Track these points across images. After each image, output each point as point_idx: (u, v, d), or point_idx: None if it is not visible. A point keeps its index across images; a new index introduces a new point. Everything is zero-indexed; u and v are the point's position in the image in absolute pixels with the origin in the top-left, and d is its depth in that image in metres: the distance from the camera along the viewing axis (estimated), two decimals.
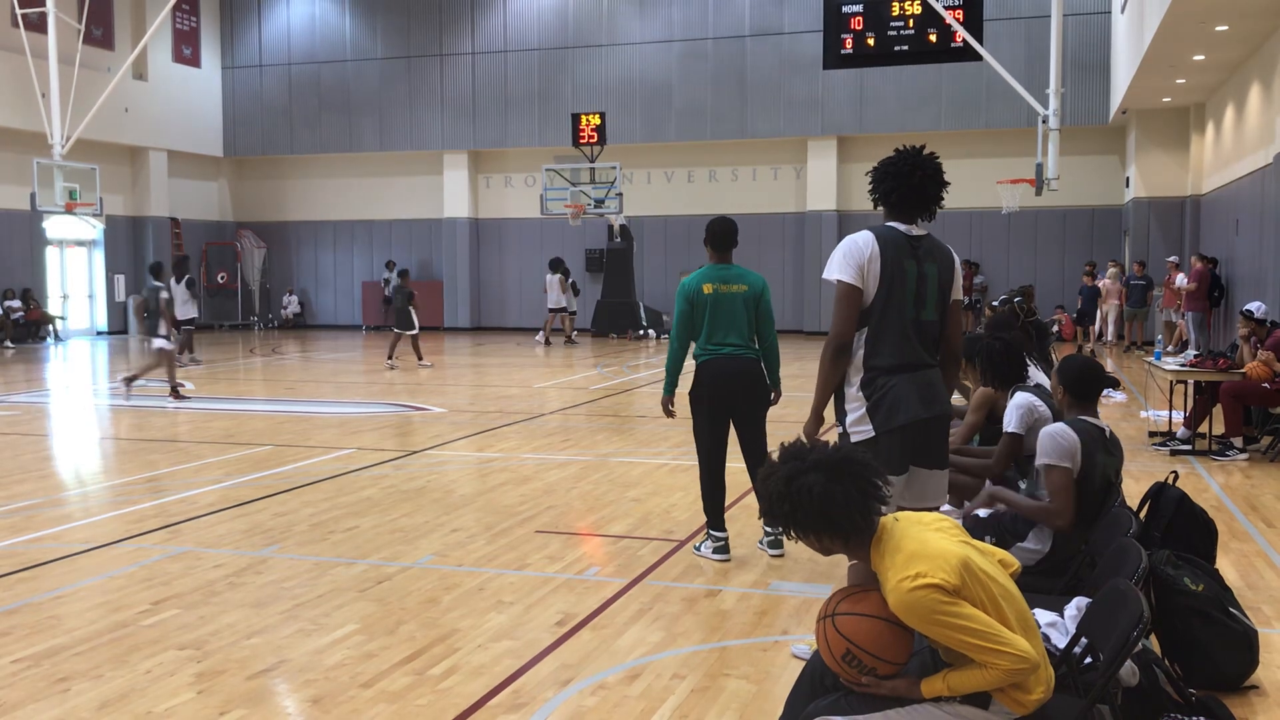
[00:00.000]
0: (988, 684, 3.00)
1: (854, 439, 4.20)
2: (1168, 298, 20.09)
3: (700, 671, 4.69)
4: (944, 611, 2.91)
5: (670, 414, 6.72)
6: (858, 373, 4.22)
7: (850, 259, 4.18)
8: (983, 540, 4.70)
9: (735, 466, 6.70)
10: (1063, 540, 4.66)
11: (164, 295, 14.61)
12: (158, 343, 14.16)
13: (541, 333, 25.22)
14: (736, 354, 6.32)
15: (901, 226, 4.24)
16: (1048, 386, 5.80)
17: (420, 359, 19.44)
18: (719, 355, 6.32)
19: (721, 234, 6.38)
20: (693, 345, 6.52)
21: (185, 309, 18.99)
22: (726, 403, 6.38)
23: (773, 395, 6.53)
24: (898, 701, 3.10)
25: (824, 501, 2.99)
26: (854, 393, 4.22)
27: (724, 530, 6.55)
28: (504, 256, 30.23)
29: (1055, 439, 4.54)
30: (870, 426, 4.16)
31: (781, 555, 6.53)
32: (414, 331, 19.34)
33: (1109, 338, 22.29)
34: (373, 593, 5.83)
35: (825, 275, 4.25)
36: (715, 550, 6.51)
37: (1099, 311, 22.11)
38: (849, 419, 4.24)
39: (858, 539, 3.07)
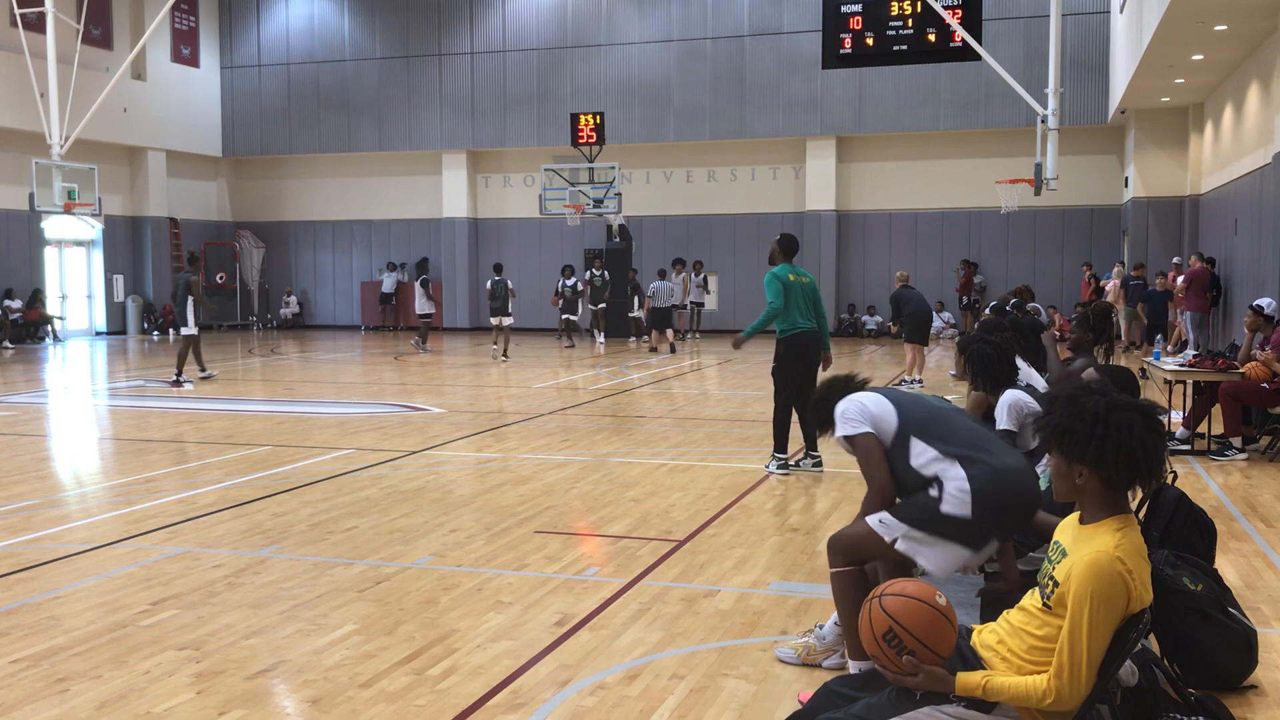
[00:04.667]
0: (1028, 700, 3.00)
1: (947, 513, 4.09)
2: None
3: (699, 671, 4.69)
4: (1102, 601, 2.95)
5: (737, 347, 9.56)
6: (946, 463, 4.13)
7: (864, 415, 4.26)
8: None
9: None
10: None
11: (579, 286, 21.47)
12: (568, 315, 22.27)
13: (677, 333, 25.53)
14: (808, 329, 9.02)
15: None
16: (1039, 385, 5.82)
17: (177, 376, 15.51)
18: (799, 330, 8.99)
19: (787, 245, 9.22)
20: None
21: (422, 305, 22.50)
22: (804, 364, 9.04)
23: (825, 356, 9.18)
24: (901, 708, 3.11)
25: (1139, 443, 3.04)
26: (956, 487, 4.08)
27: (785, 453, 9.11)
28: (503, 256, 30.22)
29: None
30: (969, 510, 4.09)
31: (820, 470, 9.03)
32: (192, 332, 15.73)
33: None
34: (371, 593, 5.82)
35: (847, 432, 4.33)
36: (779, 466, 9.04)
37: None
38: (945, 506, 4.08)
39: (1110, 492, 3.10)
